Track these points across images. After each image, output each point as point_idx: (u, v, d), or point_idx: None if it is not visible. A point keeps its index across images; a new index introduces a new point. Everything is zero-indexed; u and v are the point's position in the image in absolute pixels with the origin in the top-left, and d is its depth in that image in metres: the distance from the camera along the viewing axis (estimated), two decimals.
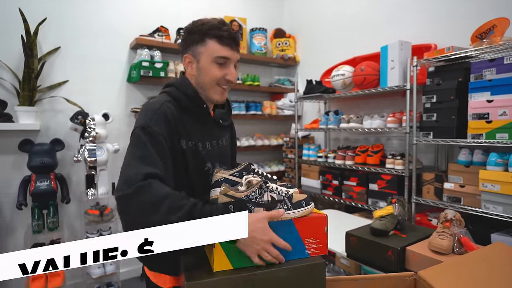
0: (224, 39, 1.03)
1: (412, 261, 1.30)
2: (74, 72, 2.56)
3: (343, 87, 2.52)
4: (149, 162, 0.90)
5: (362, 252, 1.46)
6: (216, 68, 1.05)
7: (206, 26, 1.04)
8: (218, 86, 1.07)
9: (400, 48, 2.14)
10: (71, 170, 2.58)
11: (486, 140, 1.69)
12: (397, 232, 1.49)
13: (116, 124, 2.76)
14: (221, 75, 1.05)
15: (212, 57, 1.04)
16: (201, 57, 1.05)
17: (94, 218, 2.39)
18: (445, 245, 1.24)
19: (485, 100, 1.70)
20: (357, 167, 2.39)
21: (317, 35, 3.31)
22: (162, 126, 0.96)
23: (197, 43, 1.05)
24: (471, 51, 1.76)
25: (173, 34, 2.87)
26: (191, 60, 1.07)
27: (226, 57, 1.05)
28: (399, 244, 1.34)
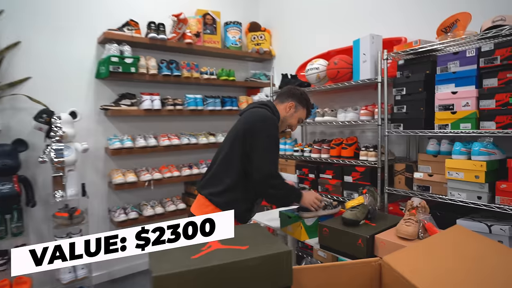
0: (308, 113, 1.88)
1: (381, 248, 1.38)
2: (37, 68, 2.50)
3: (318, 81, 2.60)
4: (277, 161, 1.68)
5: (334, 242, 1.53)
6: (296, 121, 1.82)
7: (309, 103, 1.85)
8: (287, 127, 1.85)
9: (371, 41, 2.23)
10: (36, 172, 2.53)
11: (451, 130, 1.80)
12: (368, 221, 1.58)
13: (85, 122, 2.72)
14: (294, 124, 1.84)
15: (300, 116, 1.83)
16: (297, 111, 1.81)
17: (63, 221, 2.36)
18: (410, 231, 1.33)
19: (450, 92, 1.82)
20: (333, 160, 2.48)
21: (293, 29, 3.37)
22: (278, 132, 1.70)
23: (301, 105, 1.82)
24: (437, 45, 1.87)
25: (144, 28, 2.85)
26: (292, 107, 1.79)
27: (303, 120, 1.88)
28: (369, 233, 1.42)
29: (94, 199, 2.80)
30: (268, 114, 1.67)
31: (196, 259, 0.90)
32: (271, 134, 1.61)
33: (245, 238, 1.01)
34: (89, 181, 2.75)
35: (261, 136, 1.59)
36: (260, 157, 1.58)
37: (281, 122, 1.78)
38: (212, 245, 0.97)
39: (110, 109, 2.68)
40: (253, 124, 1.62)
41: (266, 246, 0.95)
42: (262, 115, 1.65)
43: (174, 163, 3.12)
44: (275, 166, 1.64)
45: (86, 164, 2.76)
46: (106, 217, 2.87)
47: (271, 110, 1.71)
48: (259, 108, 1.72)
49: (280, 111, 1.77)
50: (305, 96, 1.82)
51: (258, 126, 1.61)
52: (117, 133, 2.86)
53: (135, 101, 2.81)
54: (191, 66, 3.04)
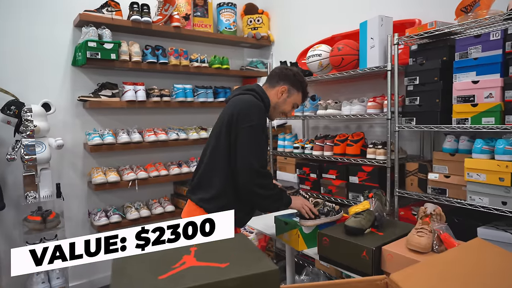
0: (305, 97, 1.79)
1: (388, 262, 1.29)
2: (5, 54, 2.40)
3: (320, 69, 2.49)
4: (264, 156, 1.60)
5: (335, 254, 1.44)
6: (290, 107, 1.73)
7: (304, 84, 1.75)
8: (281, 114, 1.76)
9: (380, 24, 2.11)
10: (5, 171, 2.45)
11: (471, 125, 1.69)
12: (374, 229, 1.48)
13: (61, 115, 2.63)
14: (288, 111, 1.75)
15: (295, 101, 1.74)
16: (291, 96, 1.71)
17: (35, 226, 2.27)
18: (423, 243, 1.23)
19: (471, 81, 1.71)
20: (336, 158, 2.38)
21: (293, 11, 3.25)
22: (265, 120, 1.59)
23: (296, 88, 1.72)
24: (456, 26, 1.75)
25: (125, 9, 2.73)
26: (285, 92, 1.69)
27: (298, 105, 1.79)
28: (375, 244, 1.32)
29: (73, 201, 2.72)
30: (253, 100, 1.58)
31: (164, 280, 0.81)
32: (256, 124, 1.52)
33: (226, 252, 0.91)
34: (66, 180, 2.67)
35: (244, 126, 1.50)
36: (243, 150, 1.50)
37: (272, 109, 1.70)
38: (187, 261, 0.88)
39: (89, 101, 2.58)
40: (236, 112, 1.53)
41: (250, 264, 0.85)
42: (247, 101, 1.57)
43: (162, 160, 3.03)
44: (262, 162, 1.56)
45: (63, 162, 2.67)
46: (86, 221, 2.78)
47: (258, 96, 1.63)
48: (244, 94, 1.63)
49: (271, 96, 1.68)
50: (299, 77, 1.72)
51: (242, 115, 1.52)
52: (97, 127, 2.77)
53: (116, 91, 2.71)
54: (180, 52, 2.93)
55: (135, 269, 0.86)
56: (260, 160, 1.55)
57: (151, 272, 0.84)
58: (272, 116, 1.74)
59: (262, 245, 2.62)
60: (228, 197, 1.55)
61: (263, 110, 1.59)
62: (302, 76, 1.74)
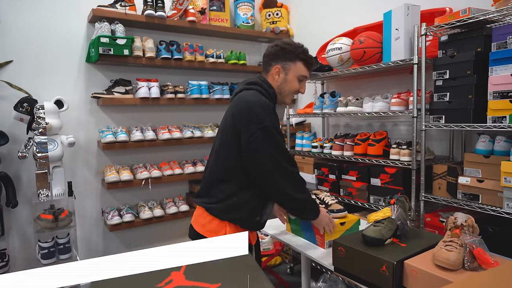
0: (308, 64, 1.54)
1: (412, 278, 1.14)
2: (20, 51, 2.39)
3: (340, 64, 2.33)
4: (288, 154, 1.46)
5: (352, 266, 1.31)
6: (296, 83, 1.54)
7: (299, 50, 1.51)
8: (292, 94, 1.58)
9: (406, 13, 1.94)
10: (20, 168, 2.44)
11: (510, 124, 1.51)
12: (396, 240, 1.33)
13: (75, 112, 2.61)
14: (298, 88, 1.56)
15: (297, 74, 1.53)
16: (289, 72, 1.52)
17: (47, 224, 2.25)
18: (452, 259, 1.08)
19: (510, 75, 1.52)
20: (357, 158, 2.22)
21: (314, 3, 3.10)
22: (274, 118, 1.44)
23: (290, 60, 1.51)
24: (493, 13, 1.56)
25: (139, 4, 2.68)
26: (280, 71, 1.52)
27: (306, 76, 1.57)
28: (396, 257, 1.18)
29: (86, 199, 2.70)
30: (255, 97, 1.43)
31: None
32: (268, 124, 1.37)
33: (220, 270, 0.80)
34: (80, 178, 2.65)
35: (252, 130, 1.36)
36: (262, 152, 1.37)
37: (279, 95, 1.55)
38: (174, 279, 0.78)
39: (102, 98, 2.54)
40: (240, 114, 1.41)
41: (244, 285, 0.74)
42: (248, 101, 1.42)
43: (176, 159, 2.97)
44: (288, 159, 1.43)
45: (77, 160, 2.65)
46: (100, 219, 2.76)
47: (262, 89, 1.48)
48: (247, 90, 1.49)
49: (272, 83, 1.53)
50: (289, 47, 1.51)
51: (249, 115, 1.39)
52: (111, 124, 2.73)
53: (130, 88, 2.66)
54: (195, 48, 2.85)
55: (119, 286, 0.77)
56: (286, 157, 1.42)
57: None
58: (284, 101, 1.58)
59: (277, 248, 2.51)
60: (235, 202, 1.43)
61: (269, 107, 1.43)
62: (293, 44, 1.52)
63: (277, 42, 1.54)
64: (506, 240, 1.49)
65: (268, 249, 2.49)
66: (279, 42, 1.53)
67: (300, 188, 1.45)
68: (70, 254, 2.36)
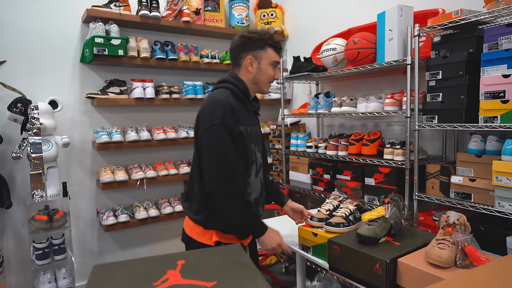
0: (277, 48, 1.49)
1: (405, 276, 1.15)
2: (13, 51, 2.38)
3: (335, 64, 2.35)
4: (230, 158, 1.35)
5: (346, 265, 1.32)
6: (271, 70, 1.48)
7: (266, 37, 1.46)
8: (268, 83, 1.52)
9: (399, 14, 1.96)
10: (13, 169, 2.43)
11: (501, 123, 1.53)
12: (390, 238, 1.35)
13: (69, 113, 2.60)
14: (272, 75, 1.50)
15: (270, 61, 1.47)
16: (262, 60, 1.46)
17: (42, 225, 2.24)
18: (445, 256, 1.09)
19: (501, 75, 1.54)
20: (351, 158, 2.24)
21: (308, 4, 3.11)
22: (231, 117, 1.36)
23: (260, 48, 1.45)
24: (484, 15, 1.58)
25: (134, 5, 2.67)
26: (252, 61, 1.45)
27: (278, 62, 1.52)
28: (390, 255, 1.19)
29: (81, 200, 2.69)
30: (216, 95, 1.40)
31: None
32: (218, 122, 1.33)
33: (215, 268, 0.81)
34: (75, 179, 2.64)
35: (205, 126, 1.35)
36: (205, 155, 1.36)
37: (254, 86, 1.49)
38: (170, 278, 0.78)
39: (96, 98, 2.53)
40: (200, 112, 1.41)
41: (240, 283, 0.75)
42: (210, 99, 1.40)
43: (171, 159, 2.97)
44: (227, 165, 1.34)
45: (72, 160, 2.64)
46: (95, 220, 2.75)
47: (232, 85, 1.44)
48: (216, 89, 1.47)
49: (245, 76, 1.47)
50: (255, 35, 1.45)
51: (203, 114, 1.38)
52: (106, 125, 2.72)
53: (124, 88, 2.65)
54: (190, 48, 2.85)
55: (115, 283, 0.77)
56: (225, 160, 1.33)
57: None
58: (263, 90, 1.52)
59: None
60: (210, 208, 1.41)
61: (227, 105, 1.36)
62: (259, 32, 1.46)
63: (241, 33, 1.47)
64: (497, 238, 1.50)
65: None
66: (244, 33, 1.47)
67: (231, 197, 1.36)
68: (65, 254, 2.35)
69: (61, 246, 2.33)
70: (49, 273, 2.33)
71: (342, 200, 1.69)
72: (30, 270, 2.40)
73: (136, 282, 0.76)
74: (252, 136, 1.47)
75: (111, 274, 0.79)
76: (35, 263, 2.26)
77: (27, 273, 2.45)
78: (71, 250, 2.42)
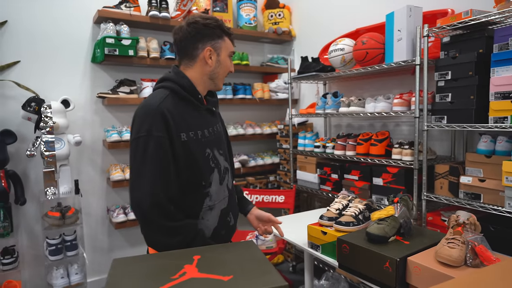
0: (231, 36, 1.32)
1: (415, 275, 1.16)
2: (27, 51, 2.42)
3: (343, 64, 2.35)
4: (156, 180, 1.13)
5: (356, 263, 1.33)
6: (229, 62, 1.31)
7: (222, 23, 1.27)
8: (224, 77, 1.34)
9: (408, 14, 1.96)
10: (27, 166, 2.47)
11: (511, 124, 1.52)
12: (399, 237, 1.36)
13: (81, 111, 2.63)
14: (230, 67, 1.33)
15: (228, 51, 1.30)
16: (221, 51, 1.27)
17: (54, 221, 2.28)
18: (455, 255, 1.10)
19: (511, 75, 1.54)
20: (359, 158, 2.24)
21: (316, 4, 3.12)
22: (162, 128, 1.14)
23: (219, 37, 1.26)
24: (495, 15, 1.58)
25: (144, 5, 2.70)
26: (212, 53, 1.26)
27: (234, 52, 1.34)
28: (399, 254, 1.20)
29: (92, 197, 2.72)
30: (149, 100, 1.20)
31: None
32: (139, 137, 1.13)
33: (230, 263, 0.83)
34: (85, 177, 2.67)
35: (131, 139, 1.16)
36: (131, 176, 1.16)
37: (212, 82, 1.30)
38: (187, 272, 0.80)
39: (107, 97, 2.57)
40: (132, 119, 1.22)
41: (256, 278, 0.77)
42: (141, 104, 1.21)
43: None
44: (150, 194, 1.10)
45: (83, 159, 2.68)
46: (105, 217, 2.79)
47: (173, 83, 1.23)
48: (154, 90, 1.28)
49: (200, 70, 1.27)
50: (212, 21, 1.25)
51: (132, 123, 1.20)
52: (116, 124, 2.76)
53: (134, 88, 2.68)
54: None
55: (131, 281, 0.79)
56: (143, 188, 1.11)
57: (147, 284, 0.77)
58: (218, 86, 1.33)
59: (280, 246, 2.53)
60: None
61: (155, 112, 1.15)
62: (212, 18, 1.27)
63: (190, 20, 1.25)
64: (507, 239, 1.50)
65: (271, 247, 2.51)
66: (196, 19, 1.25)
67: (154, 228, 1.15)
68: (77, 251, 2.39)
69: (73, 242, 2.37)
70: (62, 268, 2.37)
71: (351, 199, 1.70)
72: (43, 266, 2.44)
73: (154, 275, 0.78)
74: (205, 140, 1.26)
75: (130, 267, 0.81)
76: (49, 258, 2.30)
77: (40, 268, 2.50)
78: (82, 246, 2.46)
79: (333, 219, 1.57)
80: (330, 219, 1.58)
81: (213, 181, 1.27)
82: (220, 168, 1.31)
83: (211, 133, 1.30)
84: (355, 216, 1.54)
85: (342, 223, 1.51)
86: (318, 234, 1.56)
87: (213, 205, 1.27)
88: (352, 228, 1.50)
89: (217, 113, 1.42)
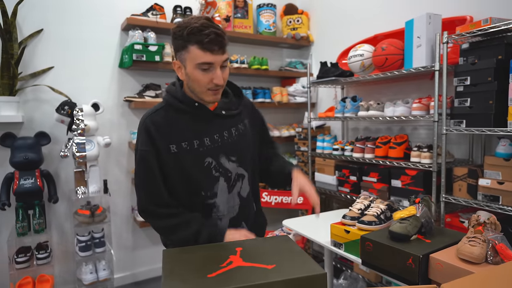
0: (204, 44, 1.09)
1: (437, 271, 1.23)
2: (60, 58, 2.56)
3: (362, 70, 2.42)
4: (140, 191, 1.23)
5: (379, 260, 1.40)
6: (201, 74, 1.13)
7: (186, 31, 1.09)
8: (208, 90, 1.17)
9: (428, 22, 2.03)
10: (59, 166, 2.60)
11: None
12: (421, 236, 1.42)
13: (108, 114, 2.76)
14: (207, 81, 1.14)
15: (195, 63, 1.12)
16: (186, 63, 1.14)
17: (85, 219, 2.40)
18: (476, 253, 1.16)
19: None
20: (378, 161, 2.31)
21: (334, 10, 3.20)
22: (146, 141, 1.18)
23: (182, 49, 1.13)
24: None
25: (169, 13, 2.83)
26: (180, 66, 1.18)
27: (209, 63, 1.12)
28: (422, 251, 1.27)
29: (118, 197, 2.84)
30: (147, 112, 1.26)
31: (213, 278, 0.82)
32: (136, 151, 1.24)
33: (271, 254, 0.92)
34: (112, 177, 2.80)
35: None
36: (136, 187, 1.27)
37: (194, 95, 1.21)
38: (234, 261, 0.89)
39: (134, 101, 2.69)
40: None
41: (296, 267, 0.85)
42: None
43: None
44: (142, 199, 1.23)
45: (109, 160, 2.80)
46: (130, 216, 2.90)
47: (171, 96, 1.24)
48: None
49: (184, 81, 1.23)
50: (178, 29, 1.12)
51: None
52: None
53: (160, 92, 2.80)
54: None
55: (185, 267, 0.88)
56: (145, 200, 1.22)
57: (200, 270, 0.86)
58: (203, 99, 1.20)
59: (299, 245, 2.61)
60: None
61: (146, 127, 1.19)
62: (182, 25, 1.12)
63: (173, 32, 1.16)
64: None
65: None
66: (173, 27, 1.16)
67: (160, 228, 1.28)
68: (104, 247, 2.50)
69: (101, 239, 2.49)
70: (91, 264, 2.49)
71: (372, 200, 1.77)
72: (72, 261, 2.57)
73: (205, 263, 0.88)
74: (204, 149, 1.20)
75: (181, 257, 0.91)
76: (79, 254, 2.42)
77: (70, 264, 2.62)
78: (110, 243, 2.58)
79: (355, 219, 1.64)
80: (353, 219, 1.65)
81: (219, 191, 1.23)
82: (229, 176, 1.25)
83: (216, 140, 1.22)
84: (377, 215, 1.61)
85: (365, 222, 1.58)
86: (341, 232, 1.64)
87: (222, 215, 1.26)
88: (374, 227, 1.57)
89: (236, 115, 1.29)
